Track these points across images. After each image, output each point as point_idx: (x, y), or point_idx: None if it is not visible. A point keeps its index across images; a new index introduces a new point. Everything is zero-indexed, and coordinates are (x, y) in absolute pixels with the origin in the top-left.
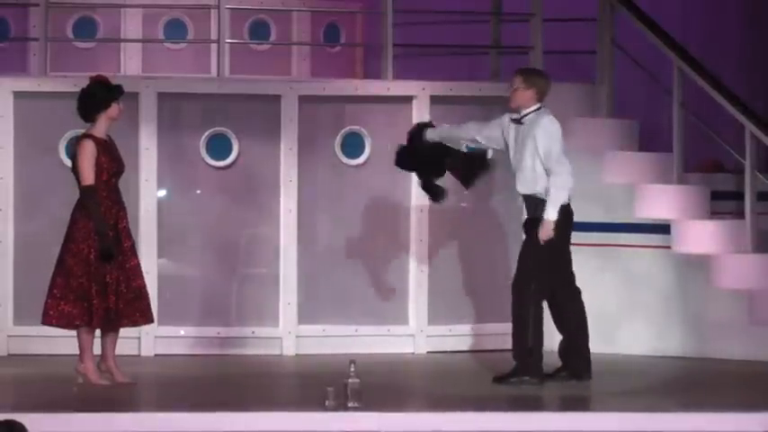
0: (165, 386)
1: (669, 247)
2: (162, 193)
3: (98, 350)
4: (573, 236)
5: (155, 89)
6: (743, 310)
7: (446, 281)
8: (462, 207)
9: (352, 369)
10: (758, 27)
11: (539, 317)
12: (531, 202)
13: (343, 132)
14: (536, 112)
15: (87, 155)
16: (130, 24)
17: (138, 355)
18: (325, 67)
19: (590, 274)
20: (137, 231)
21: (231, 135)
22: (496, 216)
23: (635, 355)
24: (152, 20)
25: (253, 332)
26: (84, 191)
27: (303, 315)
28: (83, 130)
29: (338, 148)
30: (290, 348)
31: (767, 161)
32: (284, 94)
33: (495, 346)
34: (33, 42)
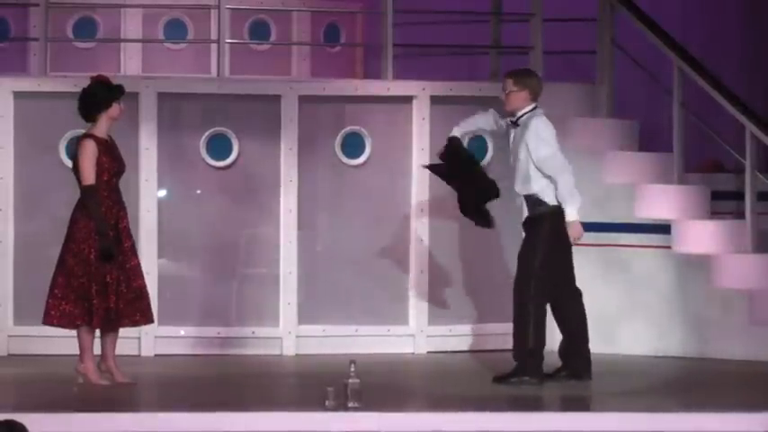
0: (165, 386)
1: (669, 248)
2: (162, 193)
3: (98, 350)
4: None
5: (155, 89)
6: (743, 310)
7: (446, 281)
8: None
9: (353, 369)
10: (758, 27)
11: (541, 317)
12: (530, 201)
13: (343, 132)
14: (531, 112)
15: (88, 155)
16: (130, 24)
17: (139, 355)
18: (326, 67)
19: (590, 275)
20: (137, 231)
21: (231, 135)
22: (496, 216)
23: (635, 356)
24: (152, 20)
25: (253, 332)
26: (85, 191)
27: (303, 315)
28: (83, 130)
29: (338, 148)
30: (290, 348)
31: (767, 161)
32: (284, 94)
33: (496, 347)
34: (33, 42)
